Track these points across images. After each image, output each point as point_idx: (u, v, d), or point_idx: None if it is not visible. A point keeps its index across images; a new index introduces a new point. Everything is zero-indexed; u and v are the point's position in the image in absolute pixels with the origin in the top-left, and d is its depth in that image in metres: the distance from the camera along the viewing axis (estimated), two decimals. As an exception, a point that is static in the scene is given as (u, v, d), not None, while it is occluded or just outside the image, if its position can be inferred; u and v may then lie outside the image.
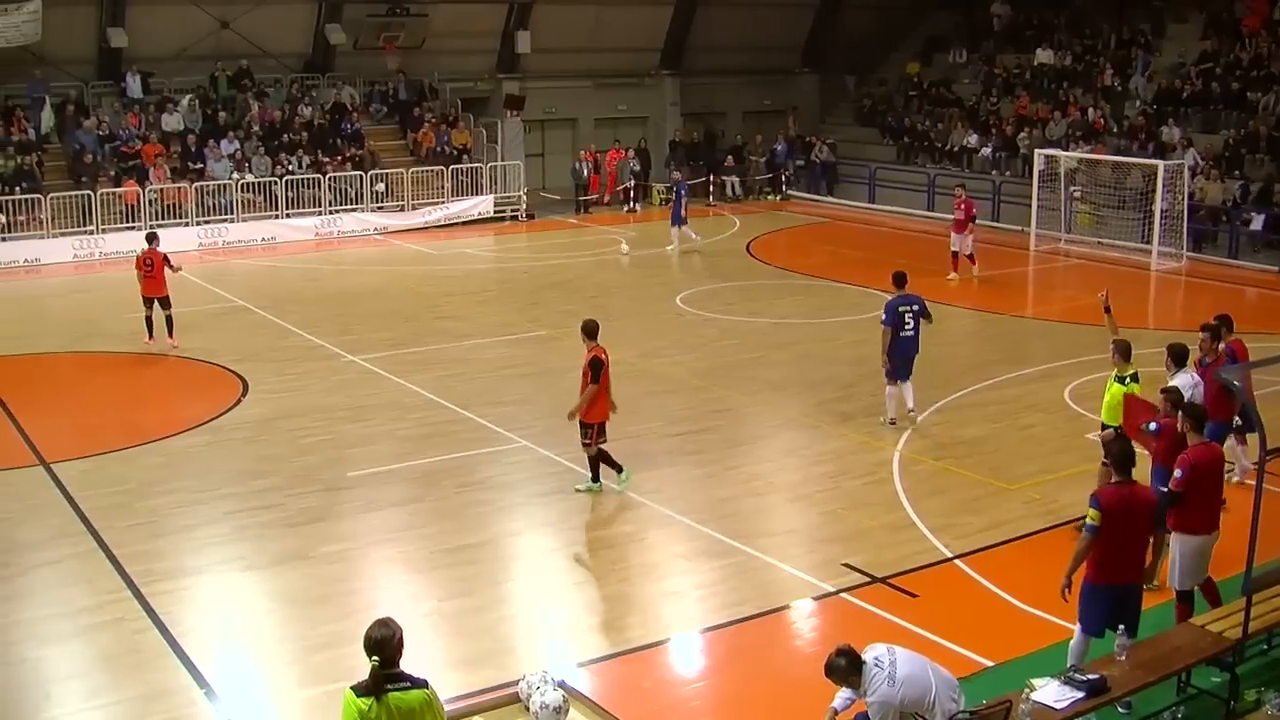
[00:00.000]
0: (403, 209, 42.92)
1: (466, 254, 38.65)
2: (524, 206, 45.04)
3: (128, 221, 37.83)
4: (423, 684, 8.53)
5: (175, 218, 39.25)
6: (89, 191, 38.01)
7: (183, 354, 26.11)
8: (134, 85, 41.95)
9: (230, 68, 43.71)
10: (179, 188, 39.52)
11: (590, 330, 18.01)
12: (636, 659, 13.27)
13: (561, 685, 9.93)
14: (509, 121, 47.32)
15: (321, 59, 46.01)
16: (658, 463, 19.28)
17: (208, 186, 39.94)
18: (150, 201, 38.65)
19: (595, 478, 17.97)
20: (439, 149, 44.65)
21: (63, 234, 37.50)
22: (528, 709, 9.73)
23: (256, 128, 42.51)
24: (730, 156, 50.11)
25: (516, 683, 10.12)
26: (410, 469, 18.92)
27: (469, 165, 44.40)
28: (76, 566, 15.70)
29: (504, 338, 27.17)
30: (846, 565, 15.27)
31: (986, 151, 44.59)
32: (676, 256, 37.44)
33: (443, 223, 43.03)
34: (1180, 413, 13.46)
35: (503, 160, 45.51)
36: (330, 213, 41.65)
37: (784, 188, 49.40)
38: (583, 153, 47.97)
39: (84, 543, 16.39)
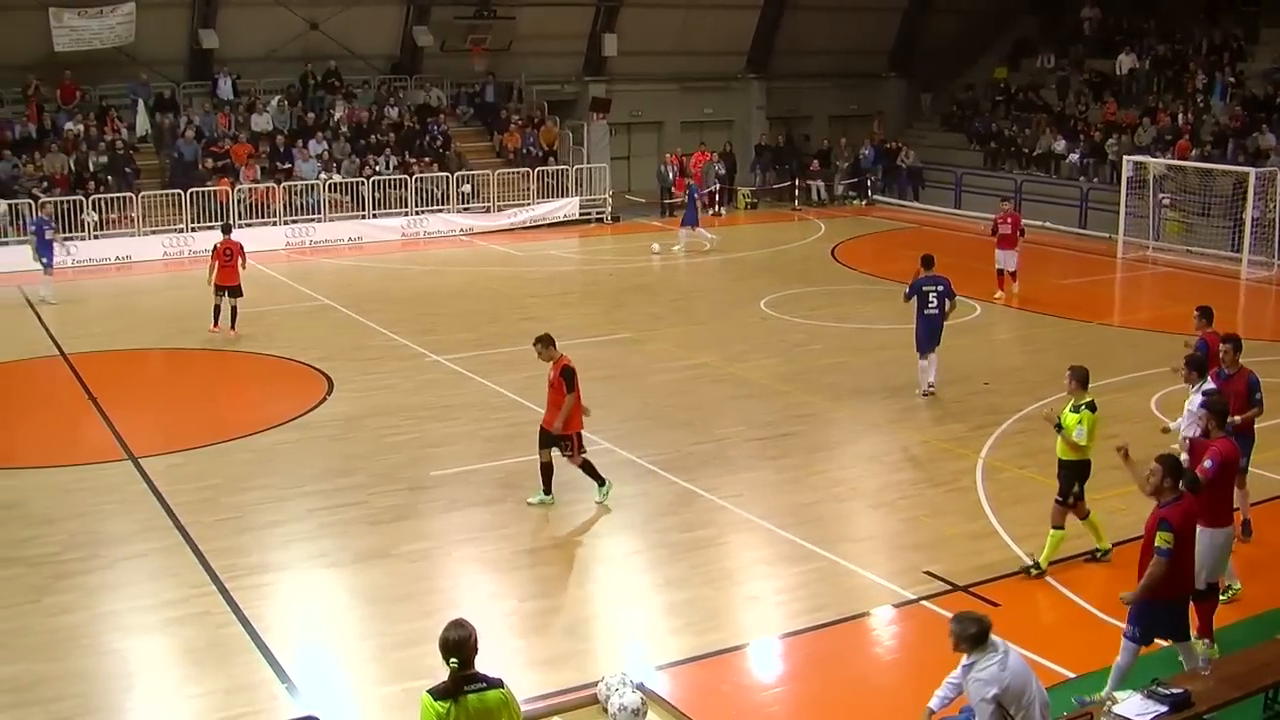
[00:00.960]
0: (488, 210, 43.14)
1: (551, 255, 38.75)
2: (609, 209, 45.14)
3: (217, 220, 38.20)
4: (498, 684, 8.55)
5: (263, 217, 39.66)
6: (179, 190, 38.49)
7: (269, 352, 26.36)
8: (225, 86, 42.47)
9: (319, 69, 44.14)
10: (267, 187, 39.93)
11: (549, 340, 17.53)
12: (715, 663, 13.23)
13: (640, 688, 9.94)
14: (595, 124, 47.43)
15: (409, 61, 46.34)
16: (740, 467, 19.25)
17: (295, 186, 40.32)
18: (239, 200, 39.07)
19: (601, 481, 17.67)
20: (525, 150, 44.83)
21: (153, 232, 38.02)
22: (606, 710, 9.74)
23: (344, 129, 42.86)
24: (816, 160, 50.01)
25: (595, 684, 10.14)
26: (493, 469, 18.97)
27: (555, 167, 44.59)
28: (163, 560, 15.88)
29: (588, 339, 27.15)
30: (928, 573, 15.17)
31: (1074, 157, 44.15)
32: (710, 247, 38.41)
33: (528, 224, 43.22)
34: (1204, 409, 13.69)
35: (588, 163, 45.66)
36: (416, 213, 41.91)
37: (870, 192, 49.18)
38: (668, 156, 47.98)
39: (170, 537, 16.58)
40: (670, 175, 47.10)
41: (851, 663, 13.42)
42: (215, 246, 27.89)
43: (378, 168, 41.98)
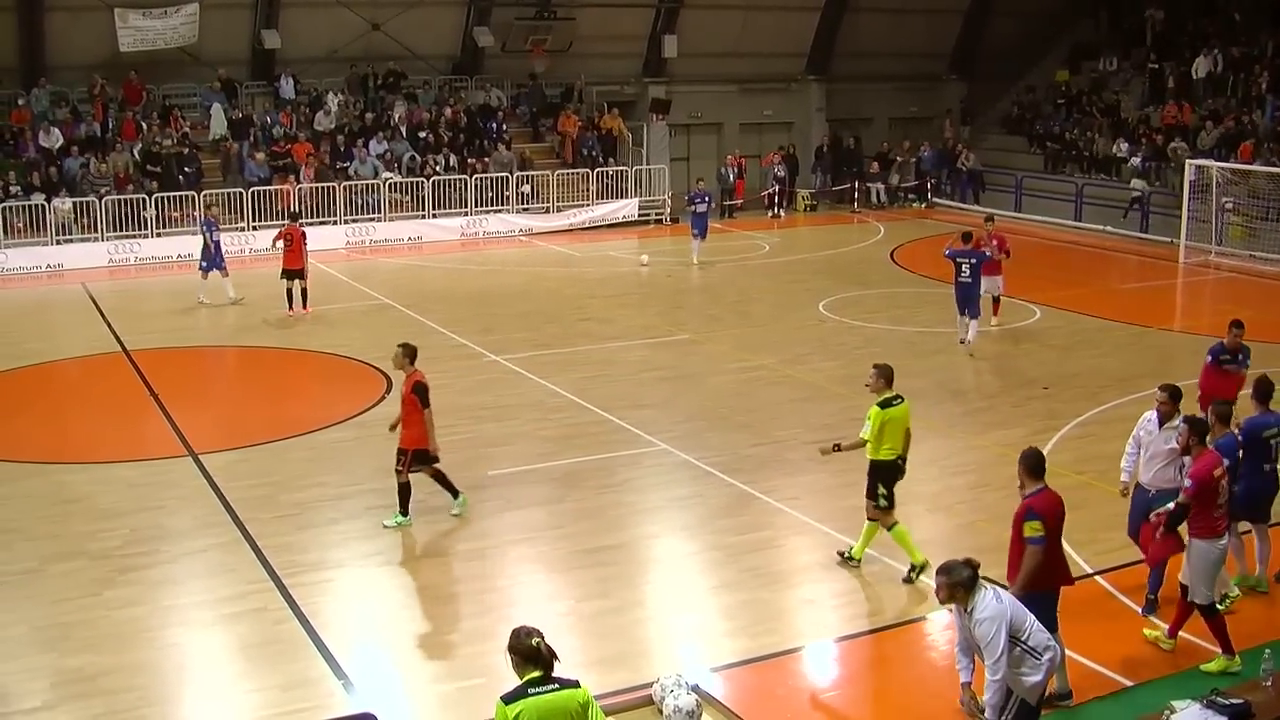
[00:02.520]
0: (548, 211, 43.26)
1: (610, 256, 38.79)
2: (668, 210, 45.15)
3: (278, 219, 38.53)
4: (573, 684, 8.52)
5: (323, 216, 39.88)
6: (240, 190, 38.80)
7: (328, 350, 26.53)
8: (286, 86, 42.81)
9: (380, 69, 44.37)
10: (327, 187, 40.16)
11: (412, 352, 17.14)
12: (771, 665, 13.21)
13: (695, 689, 9.95)
14: (654, 125, 47.44)
15: (470, 61, 46.52)
16: (797, 469, 19.20)
17: (356, 186, 40.54)
18: (300, 199, 39.29)
19: (404, 511, 17.05)
20: (584, 152, 44.88)
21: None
22: (661, 712, 9.75)
23: (404, 128, 43.05)
24: (876, 163, 49.84)
25: (650, 685, 10.15)
26: (550, 469, 19.01)
27: (614, 168, 44.68)
28: (222, 556, 16.02)
29: (646, 340, 27.24)
30: (984, 579, 15.06)
31: (1136, 161, 43.76)
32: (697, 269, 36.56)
33: (587, 225, 43.33)
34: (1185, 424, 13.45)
35: (648, 164, 45.71)
36: (476, 213, 42.06)
37: (929, 195, 48.97)
38: (729, 157, 47.96)
39: (229, 533, 16.72)
40: (731, 177, 47.12)
41: (907, 667, 13.38)
42: (279, 231, 30.01)
43: (437, 168, 42.17)
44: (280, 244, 29.49)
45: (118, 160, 38.59)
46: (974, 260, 25.89)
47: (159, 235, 37.73)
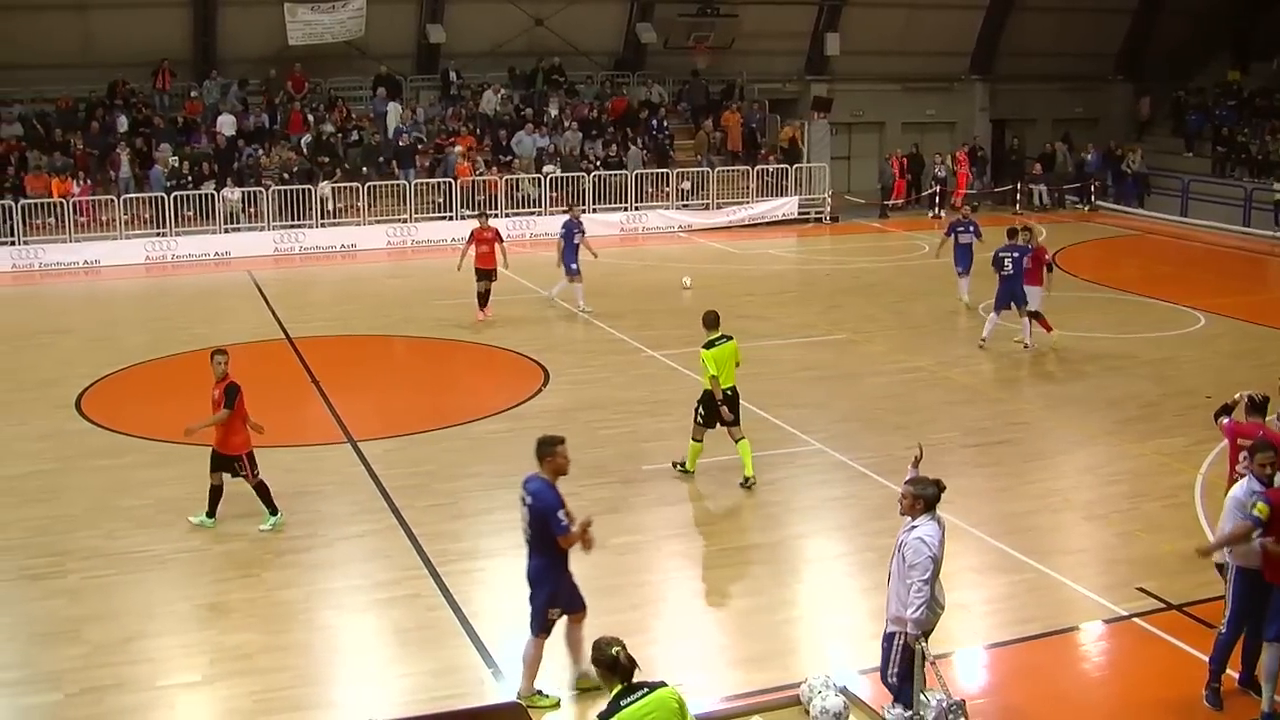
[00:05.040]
0: (707, 207, 43.28)
1: (769, 254, 38.69)
2: (828, 209, 44.95)
3: (439, 212, 39.10)
4: (660, 685, 8.47)
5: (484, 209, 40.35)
6: (403, 182, 39.38)
7: (487, 342, 26.80)
8: (452, 80, 43.38)
9: (543, 64, 44.74)
10: (488, 180, 40.57)
11: (224, 358, 16.92)
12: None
13: (843, 691, 9.91)
14: (816, 123, 47.31)
15: (632, 57, 46.75)
16: (952, 473, 18.90)
17: (516, 179, 40.87)
18: (461, 191, 39.77)
19: (273, 510, 16.83)
20: (747, 151, 44.88)
21: (377, 221, 38.99)
22: (808, 712, 9.73)
23: (566, 123, 43.34)
24: (1039, 164, 49.10)
25: (798, 685, 10.13)
26: (703, 465, 18.96)
27: (775, 166, 44.54)
28: (377, 542, 16.27)
29: (803, 339, 27.13)
30: (1141, 590, 14.83)
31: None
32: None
33: (746, 222, 43.29)
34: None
35: (808, 162, 45.54)
36: (635, 209, 42.21)
37: (1094, 198, 48.13)
38: (890, 157, 47.64)
39: (385, 519, 16.97)
40: (893, 176, 46.82)
41: (1058, 678, 13.19)
42: (472, 232, 29.12)
43: (597, 163, 42.40)
44: (472, 247, 28.88)
45: (284, 151, 39.37)
46: (1016, 254, 25.98)
47: (323, 225, 38.45)
